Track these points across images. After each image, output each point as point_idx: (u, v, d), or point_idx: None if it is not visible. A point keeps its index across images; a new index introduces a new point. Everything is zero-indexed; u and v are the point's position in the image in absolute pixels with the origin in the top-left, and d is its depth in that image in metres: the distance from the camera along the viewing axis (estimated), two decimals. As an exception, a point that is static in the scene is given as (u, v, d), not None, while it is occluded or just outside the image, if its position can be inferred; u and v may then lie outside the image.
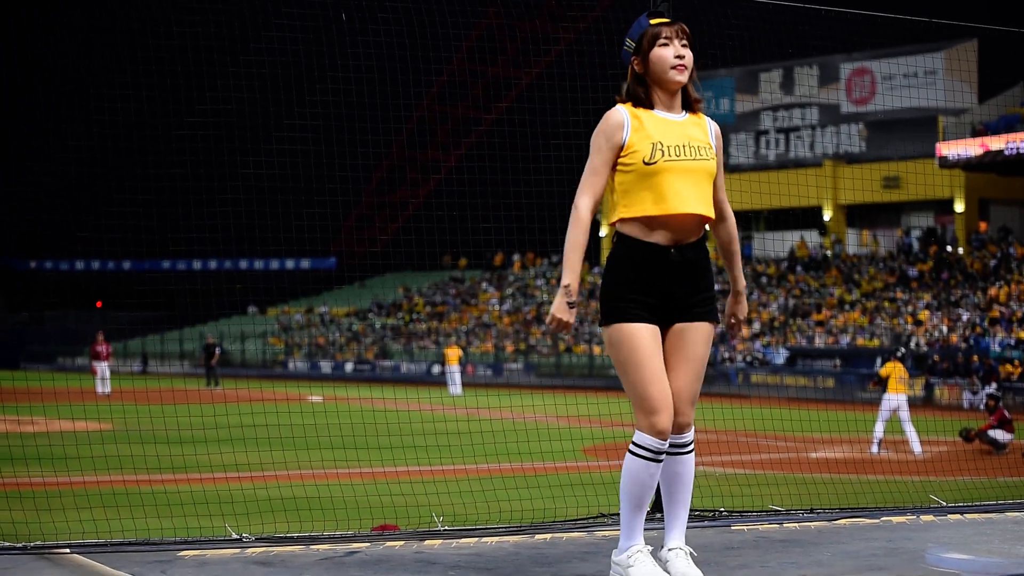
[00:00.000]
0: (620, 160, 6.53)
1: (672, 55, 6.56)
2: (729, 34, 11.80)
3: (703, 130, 6.74)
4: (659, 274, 6.52)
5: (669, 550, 6.71)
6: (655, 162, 6.47)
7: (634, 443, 6.50)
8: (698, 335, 6.69)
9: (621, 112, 6.60)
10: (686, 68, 6.60)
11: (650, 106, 6.64)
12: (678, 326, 6.63)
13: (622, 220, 6.54)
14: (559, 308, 6.42)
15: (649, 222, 6.50)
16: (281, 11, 12.51)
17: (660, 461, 6.49)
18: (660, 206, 6.47)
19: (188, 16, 11.97)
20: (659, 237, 6.52)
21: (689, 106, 6.76)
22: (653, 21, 6.66)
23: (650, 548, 6.62)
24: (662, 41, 6.57)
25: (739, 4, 10.22)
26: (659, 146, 6.49)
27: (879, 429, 25.28)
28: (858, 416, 27.56)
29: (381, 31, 12.07)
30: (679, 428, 6.64)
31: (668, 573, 6.63)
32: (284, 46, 12.77)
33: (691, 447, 6.74)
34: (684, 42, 6.62)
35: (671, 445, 6.63)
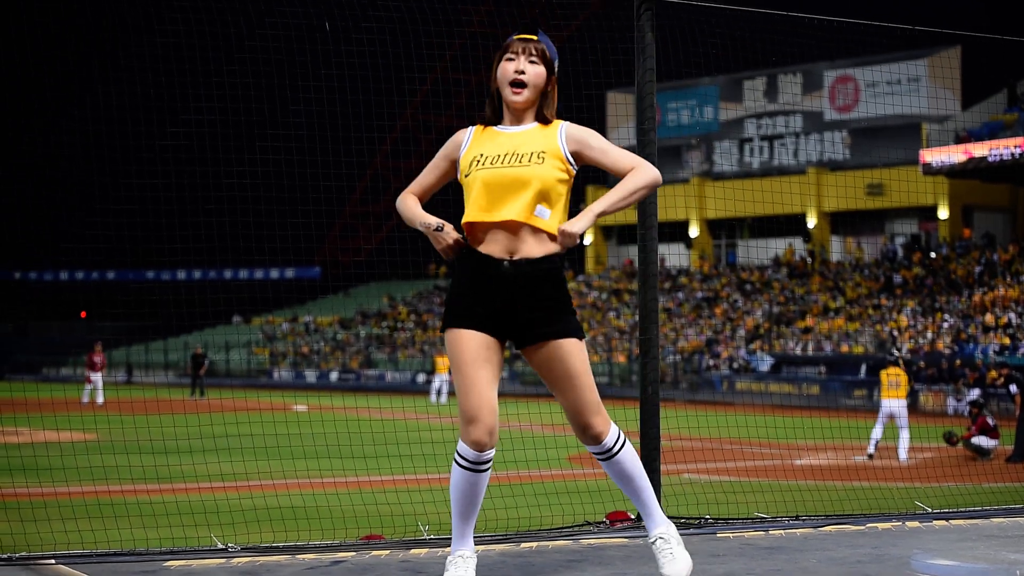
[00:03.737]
0: (458, 178, 6.60)
1: (512, 69, 6.47)
2: (712, 42, 11.81)
3: (547, 137, 6.54)
4: (491, 285, 6.42)
5: (652, 543, 6.77)
6: (469, 173, 6.48)
7: (456, 451, 6.55)
8: (563, 351, 6.48)
9: (466, 132, 6.65)
10: (523, 88, 6.47)
11: (497, 122, 6.62)
12: (542, 350, 6.49)
13: (464, 230, 6.53)
14: (432, 239, 6.55)
15: (474, 230, 6.49)
16: (265, 20, 12.51)
17: (481, 471, 6.53)
18: (473, 214, 6.46)
19: (171, 26, 11.96)
20: (492, 247, 6.45)
21: (543, 119, 6.61)
22: (517, 36, 6.54)
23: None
24: (508, 55, 6.50)
25: (722, 12, 10.23)
26: (478, 158, 6.47)
27: (875, 433, 25.30)
28: (843, 423, 27.61)
29: (364, 40, 12.06)
30: (594, 439, 6.59)
31: (659, 568, 6.71)
32: (267, 55, 12.76)
33: (617, 448, 6.65)
34: (533, 59, 6.49)
35: (597, 453, 6.65)
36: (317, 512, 13.24)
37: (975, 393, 37.98)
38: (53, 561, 7.64)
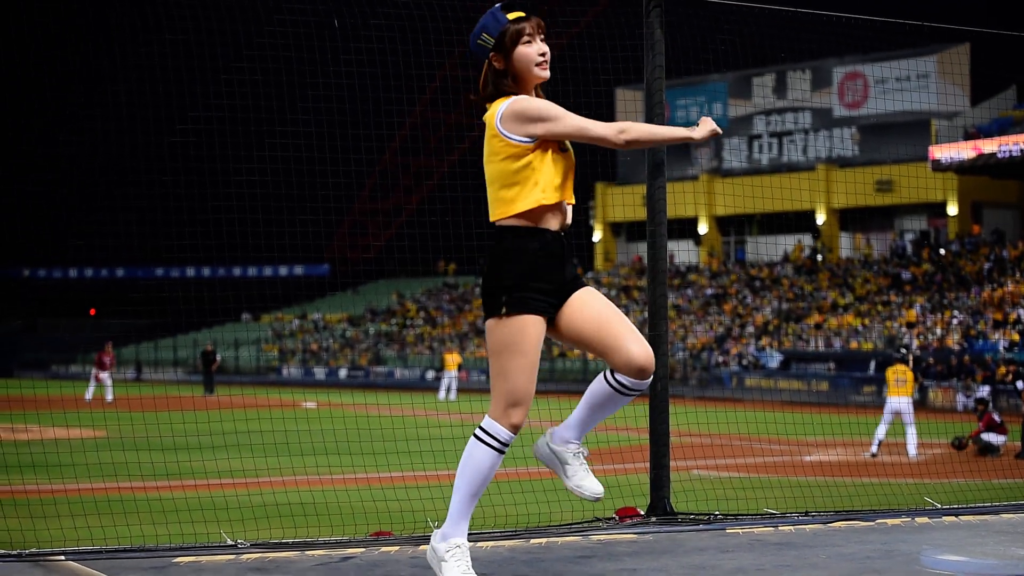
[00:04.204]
0: (513, 150, 6.43)
1: (536, 53, 6.51)
2: (721, 39, 11.81)
3: None
4: (555, 261, 6.47)
5: (574, 454, 6.80)
6: (567, 150, 6.52)
7: (483, 430, 6.51)
8: (591, 295, 6.54)
9: None
10: (547, 64, 6.56)
11: None
12: (572, 303, 6.52)
13: (532, 211, 6.44)
14: (701, 133, 6.48)
15: (551, 210, 6.48)
16: (273, 18, 12.52)
17: (504, 453, 6.52)
18: (563, 193, 6.48)
19: (180, 23, 11.97)
20: (553, 224, 6.50)
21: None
22: (511, 16, 6.53)
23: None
24: (525, 39, 6.50)
25: (731, 9, 10.23)
26: None
27: (880, 432, 25.30)
28: (852, 419, 27.58)
29: (373, 37, 12.07)
30: (641, 372, 6.49)
31: (567, 477, 6.78)
32: (276, 53, 12.76)
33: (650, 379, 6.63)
34: (542, 36, 6.56)
35: (629, 389, 6.55)
36: (326, 508, 13.26)
37: (985, 390, 37.96)
38: (63, 557, 7.65)
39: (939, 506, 9.94)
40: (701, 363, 55.90)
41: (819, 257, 65.65)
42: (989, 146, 53.79)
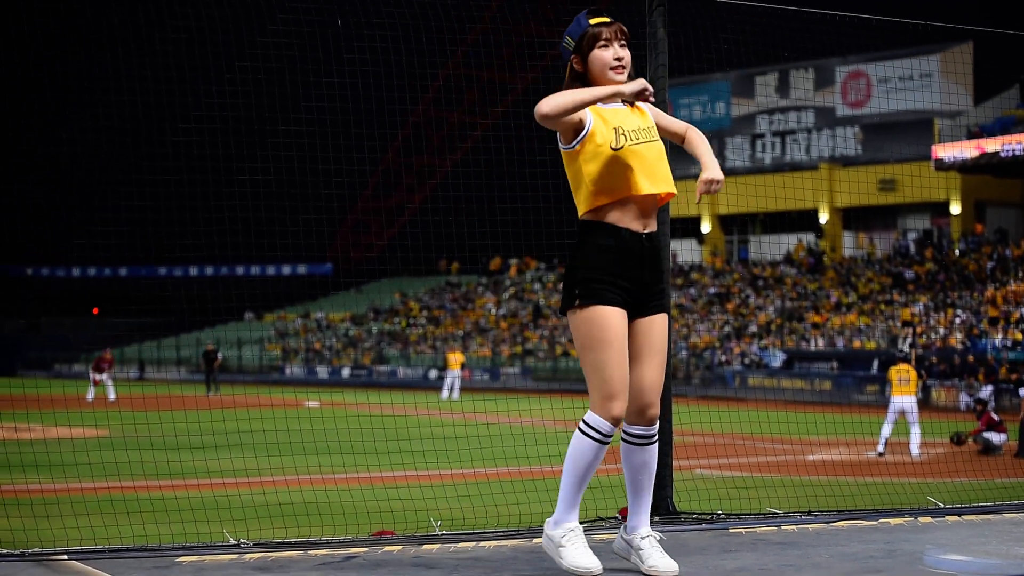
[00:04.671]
0: (584, 148, 6.61)
1: (611, 57, 6.70)
2: (724, 38, 11.80)
3: (644, 116, 6.83)
4: (634, 260, 6.60)
5: (642, 538, 6.88)
6: (622, 147, 6.59)
7: (587, 423, 6.64)
8: (660, 326, 6.76)
9: None
10: (624, 69, 6.73)
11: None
12: (642, 320, 6.70)
13: (597, 208, 6.62)
14: (631, 88, 6.60)
15: (623, 205, 6.60)
16: (276, 16, 12.51)
17: (608, 443, 6.64)
18: (634, 187, 6.58)
19: (182, 21, 11.96)
20: (630, 222, 6.61)
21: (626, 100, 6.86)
22: (593, 21, 6.76)
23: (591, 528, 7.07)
24: (601, 43, 6.71)
25: (734, 8, 10.22)
26: (621, 130, 6.62)
27: (885, 431, 25.34)
28: (855, 418, 27.56)
29: (376, 36, 12.06)
30: (650, 420, 6.82)
31: (641, 562, 6.83)
32: (279, 51, 12.77)
33: (656, 436, 6.92)
34: (623, 43, 6.76)
35: (640, 436, 6.83)
36: (329, 508, 13.26)
37: (987, 390, 37.99)
38: (65, 557, 7.65)
39: (942, 505, 9.93)
40: (704, 362, 55.91)
41: (823, 256, 65.63)
42: (992, 145, 53.79)
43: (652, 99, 6.64)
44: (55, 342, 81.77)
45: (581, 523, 6.97)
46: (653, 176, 6.63)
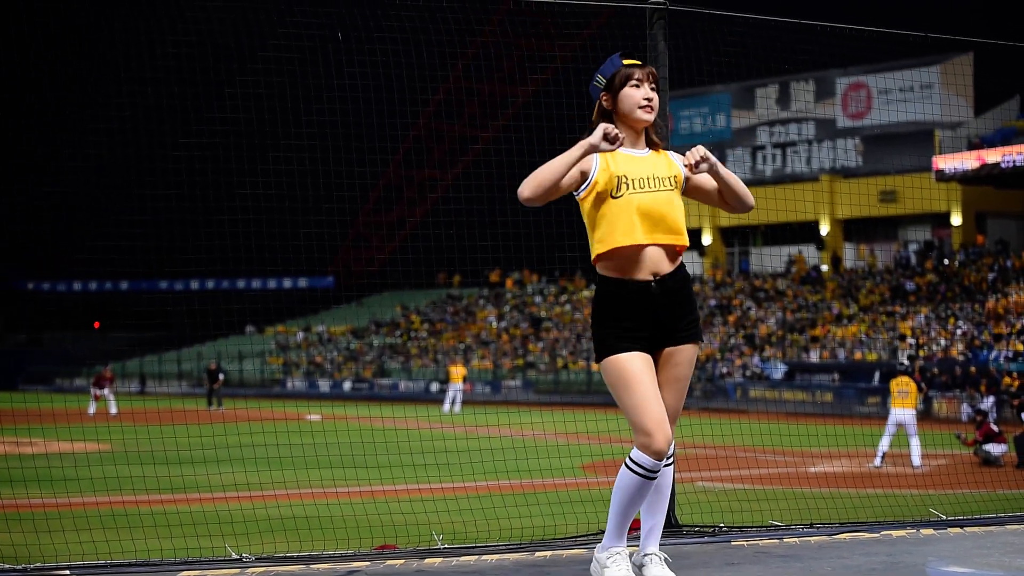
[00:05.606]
0: (588, 196, 6.80)
1: (641, 96, 6.88)
2: (725, 50, 11.82)
3: (667, 162, 6.94)
4: (643, 309, 6.76)
5: (645, 555, 7.08)
6: (621, 195, 6.74)
7: (632, 459, 6.79)
8: (684, 356, 6.90)
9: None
10: (653, 110, 6.91)
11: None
12: (669, 350, 6.87)
13: (599, 257, 6.81)
14: (596, 137, 6.67)
15: (624, 255, 6.74)
16: (278, 32, 12.53)
17: (654, 479, 6.78)
18: (630, 237, 6.72)
19: (184, 37, 11.98)
20: (637, 272, 6.76)
21: (653, 146, 7.01)
22: (627, 62, 6.95)
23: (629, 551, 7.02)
24: (633, 83, 6.90)
25: (734, 20, 10.24)
26: (624, 179, 6.76)
27: (884, 443, 25.35)
28: (857, 430, 27.57)
29: (377, 51, 12.08)
30: (655, 454, 6.84)
31: None
32: (281, 66, 12.78)
33: (672, 460, 7.17)
34: (653, 85, 6.94)
35: (650, 470, 6.86)
36: (331, 522, 13.26)
37: (989, 401, 37.97)
38: (68, 572, 7.65)
39: (944, 517, 9.93)
40: (706, 374, 55.89)
41: (823, 268, 65.64)
42: (993, 156, 53.79)
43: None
44: (56, 357, 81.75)
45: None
46: (653, 226, 6.74)
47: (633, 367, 6.69)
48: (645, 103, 6.86)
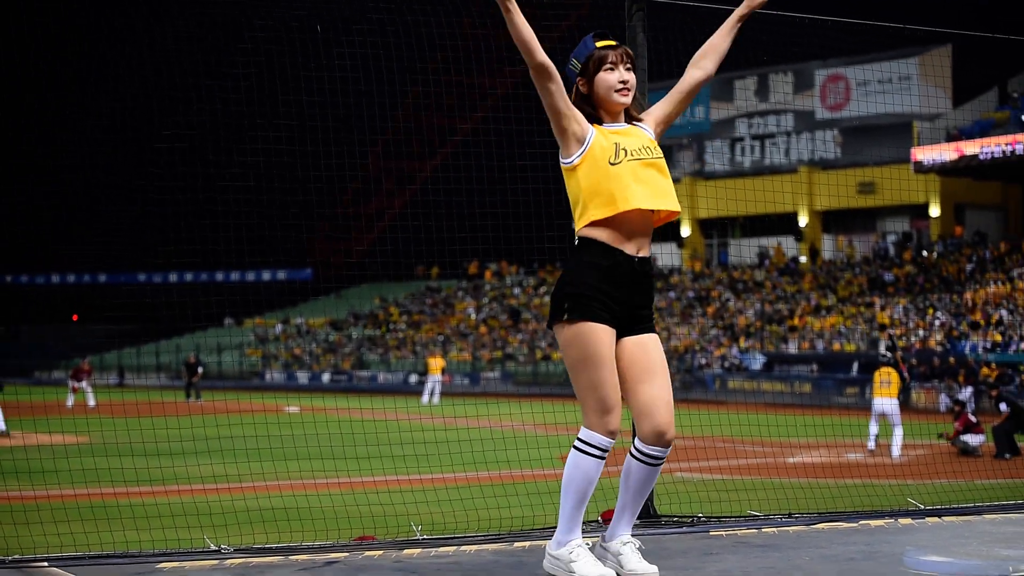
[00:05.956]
0: (583, 163, 6.69)
1: (616, 79, 6.80)
2: (703, 41, 11.81)
3: (647, 134, 6.92)
4: (624, 284, 6.65)
5: (623, 544, 6.89)
6: (619, 162, 6.66)
7: (583, 441, 6.65)
8: (654, 342, 6.78)
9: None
10: (629, 91, 6.84)
11: (599, 122, 6.85)
12: (633, 339, 6.72)
13: (592, 223, 6.66)
14: None
15: (621, 221, 6.63)
16: (255, 23, 12.50)
17: (605, 458, 6.63)
18: (632, 201, 6.61)
19: (159, 29, 11.95)
20: (627, 244, 6.67)
21: (631, 120, 6.97)
22: (599, 44, 6.86)
23: (587, 543, 6.83)
24: (607, 66, 6.81)
25: (713, 12, 10.24)
26: (623, 148, 6.70)
27: (872, 429, 25.71)
28: (835, 420, 27.61)
29: (356, 42, 12.07)
30: (667, 443, 6.76)
31: (620, 567, 6.83)
32: (259, 57, 12.75)
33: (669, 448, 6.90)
34: (628, 66, 6.86)
35: (655, 458, 6.79)
36: (310, 513, 13.24)
37: (967, 391, 38.09)
38: (46, 564, 7.64)
39: (922, 507, 9.95)
40: (684, 365, 55.94)
41: (802, 259, 65.74)
42: (971, 148, 53.94)
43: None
44: (34, 349, 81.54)
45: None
46: (651, 191, 6.67)
47: (606, 341, 6.55)
48: (621, 86, 6.79)
